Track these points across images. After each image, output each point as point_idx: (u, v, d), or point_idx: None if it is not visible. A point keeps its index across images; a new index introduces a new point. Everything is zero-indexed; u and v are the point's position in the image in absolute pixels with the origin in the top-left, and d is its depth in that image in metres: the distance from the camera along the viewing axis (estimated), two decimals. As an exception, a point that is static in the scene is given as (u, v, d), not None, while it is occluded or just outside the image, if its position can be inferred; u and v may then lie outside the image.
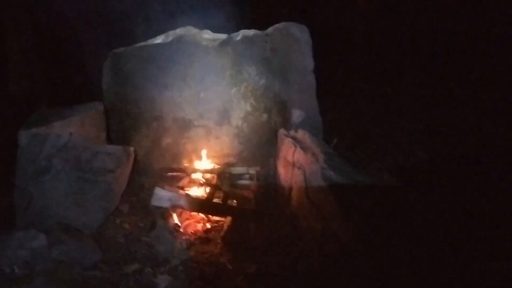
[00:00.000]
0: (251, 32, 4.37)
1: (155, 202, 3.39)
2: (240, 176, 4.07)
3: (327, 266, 2.65)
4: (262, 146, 4.41)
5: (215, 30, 4.47)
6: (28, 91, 6.27)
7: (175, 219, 3.37)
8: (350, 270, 2.38)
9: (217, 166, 4.10)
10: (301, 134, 3.75)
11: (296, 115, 4.35)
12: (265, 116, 4.40)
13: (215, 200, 3.59)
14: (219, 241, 3.20)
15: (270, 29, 4.39)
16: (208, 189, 3.76)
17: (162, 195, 3.37)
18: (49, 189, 2.98)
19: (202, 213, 3.46)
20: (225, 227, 3.32)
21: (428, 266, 2.09)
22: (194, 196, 3.62)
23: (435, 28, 7.94)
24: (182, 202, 3.38)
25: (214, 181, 3.86)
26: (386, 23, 8.33)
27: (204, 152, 4.18)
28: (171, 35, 4.30)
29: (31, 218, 2.98)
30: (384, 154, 4.82)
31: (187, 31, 4.35)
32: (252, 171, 4.11)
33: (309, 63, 4.36)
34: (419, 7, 8.08)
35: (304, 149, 3.38)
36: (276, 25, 4.40)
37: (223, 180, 3.87)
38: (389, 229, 2.33)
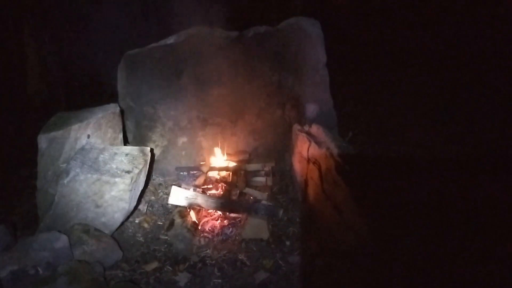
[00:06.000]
0: (262, 28, 4.36)
1: (172, 201, 3.44)
2: (255, 172, 4.08)
3: (344, 260, 2.65)
4: (277, 142, 4.42)
5: (226, 28, 4.47)
6: (46, 95, 6.40)
7: (193, 217, 3.41)
8: (366, 264, 2.38)
9: (232, 164, 4.13)
10: (315, 128, 3.74)
11: (310, 109, 4.34)
12: (279, 111, 4.40)
13: (232, 198, 3.62)
14: (237, 238, 3.24)
15: (281, 25, 4.38)
16: (224, 187, 3.79)
17: (179, 194, 3.42)
18: (69, 191, 3.04)
19: (219, 210, 3.49)
20: (242, 224, 3.34)
21: (443, 258, 2.08)
22: (210, 194, 3.65)
23: (454, 16, 7.79)
24: (199, 200, 3.41)
25: (230, 179, 3.88)
26: (400, 13, 8.23)
27: (219, 150, 4.21)
28: (183, 35, 4.31)
29: (53, 219, 3.05)
30: (400, 146, 4.77)
31: (199, 30, 4.35)
32: (267, 167, 4.12)
33: (322, 57, 4.35)
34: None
35: (319, 143, 3.37)
36: (288, 20, 4.39)
37: (239, 177, 3.89)
38: (405, 222, 2.32)
